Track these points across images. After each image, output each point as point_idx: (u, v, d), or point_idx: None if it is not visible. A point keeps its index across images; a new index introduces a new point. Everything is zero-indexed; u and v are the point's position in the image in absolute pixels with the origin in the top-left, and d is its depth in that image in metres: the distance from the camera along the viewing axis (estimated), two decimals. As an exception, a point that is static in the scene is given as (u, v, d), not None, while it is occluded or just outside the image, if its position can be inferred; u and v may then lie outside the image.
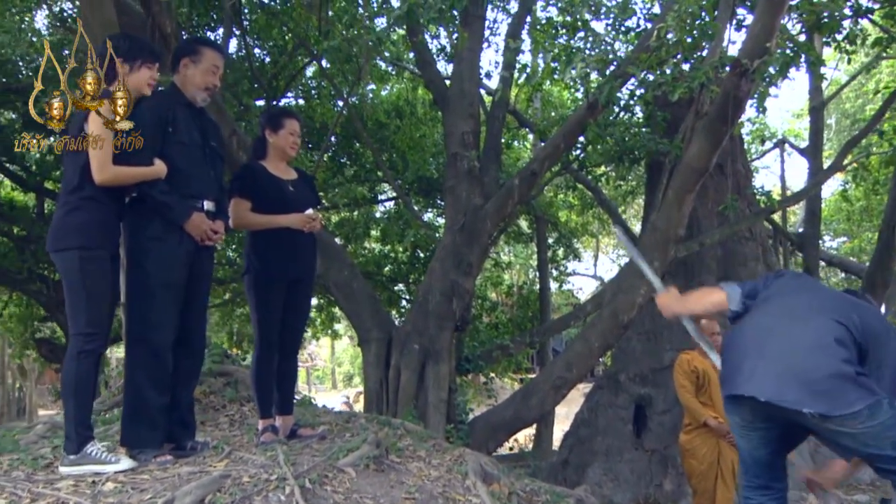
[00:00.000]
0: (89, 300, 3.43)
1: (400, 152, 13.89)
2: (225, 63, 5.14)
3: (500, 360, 9.50)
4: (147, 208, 3.63)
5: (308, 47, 10.77)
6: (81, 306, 3.43)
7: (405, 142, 13.70)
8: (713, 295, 3.18)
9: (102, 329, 3.49)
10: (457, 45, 8.47)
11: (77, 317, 3.44)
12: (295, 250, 4.31)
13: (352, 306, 7.98)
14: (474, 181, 8.03)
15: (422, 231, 8.11)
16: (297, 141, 4.43)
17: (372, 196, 15.02)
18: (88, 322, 3.43)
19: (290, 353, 4.49)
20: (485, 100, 11.62)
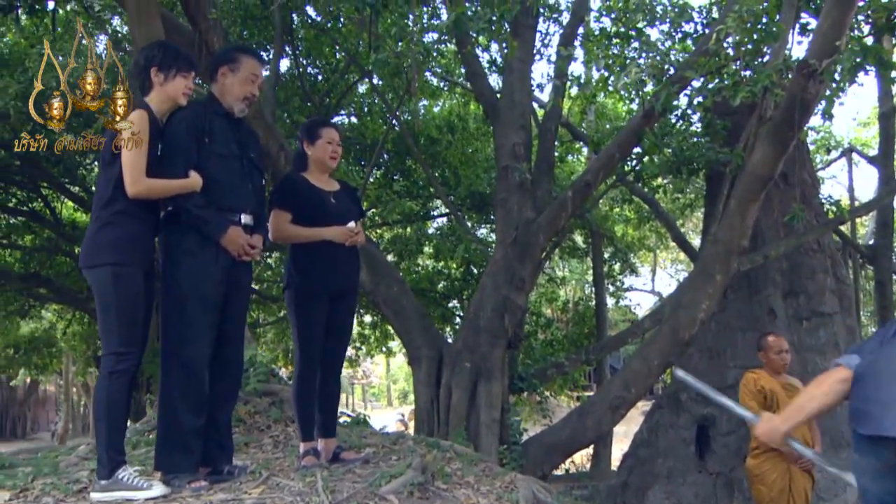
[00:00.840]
0: (122, 318, 3.28)
1: (452, 168, 13.74)
2: (276, 81, 4.95)
3: (555, 379, 9.16)
4: (182, 222, 3.47)
5: (358, 63, 10.70)
6: (113, 324, 3.28)
7: (457, 157, 13.56)
8: (832, 376, 2.50)
9: (135, 348, 3.34)
10: (507, 57, 8.24)
11: (109, 335, 3.29)
12: (337, 264, 4.12)
13: (401, 323, 7.78)
14: (526, 194, 7.78)
15: (473, 246, 7.87)
16: (336, 150, 4.25)
17: (424, 212, 14.86)
18: (121, 341, 3.28)
19: (333, 372, 4.29)
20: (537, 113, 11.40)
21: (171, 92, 3.48)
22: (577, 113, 14.68)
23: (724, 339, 8.92)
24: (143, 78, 3.49)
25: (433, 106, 15.53)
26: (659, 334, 7.11)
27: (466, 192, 12.94)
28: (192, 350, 3.46)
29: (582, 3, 9.33)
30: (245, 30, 11.61)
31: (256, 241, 3.64)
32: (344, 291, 4.20)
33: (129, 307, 3.30)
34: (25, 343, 17.35)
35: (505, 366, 7.70)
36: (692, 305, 6.81)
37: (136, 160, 3.28)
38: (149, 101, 3.47)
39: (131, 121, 3.29)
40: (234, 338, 3.70)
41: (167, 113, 3.55)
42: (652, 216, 14.80)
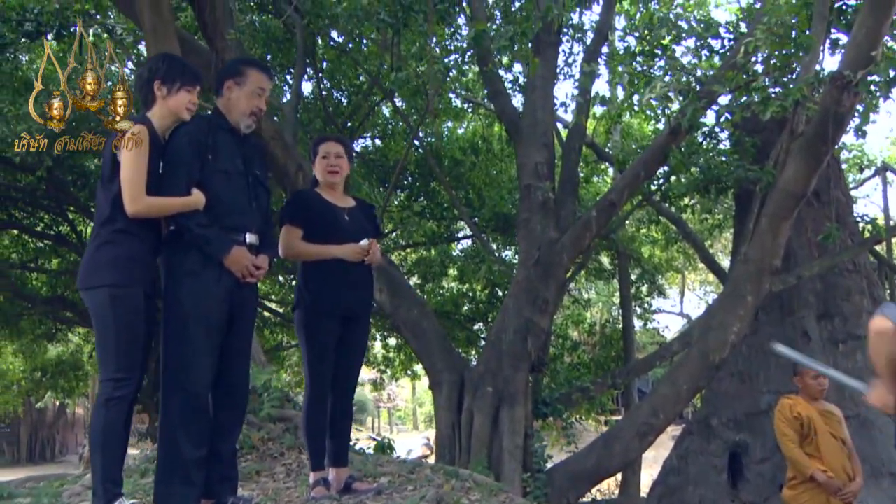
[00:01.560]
0: (120, 341, 3.10)
1: (476, 189, 13.57)
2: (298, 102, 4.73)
3: (581, 403, 8.87)
4: (184, 242, 3.29)
5: (380, 85, 10.59)
6: (111, 348, 3.10)
7: (481, 178, 13.41)
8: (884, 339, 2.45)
9: (135, 373, 3.15)
10: (529, 75, 8.06)
11: (107, 360, 3.11)
12: (349, 284, 3.94)
13: (422, 346, 7.57)
14: (549, 213, 7.56)
15: (496, 267, 7.65)
16: (332, 163, 4.06)
17: (448, 234, 14.68)
18: (119, 366, 3.10)
19: (345, 397, 4.08)
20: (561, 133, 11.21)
21: (174, 106, 3.32)
22: (602, 133, 14.45)
23: (756, 362, 8.58)
24: (147, 91, 3.33)
25: (457, 128, 15.43)
26: (688, 358, 6.83)
27: (491, 214, 12.74)
28: (194, 375, 3.26)
29: (605, 20, 9.15)
30: (269, 53, 11.60)
31: (262, 262, 3.45)
32: (356, 312, 4.01)
33: (127, 330, 3.12)
34: (52, 366, 17.39)
35: (528, 390, 7.45)
36: (722, 328, 6.53)
37: (135, 177, 3.12)
38: (151, 115, 3.31)
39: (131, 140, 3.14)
40: (239, 362, 3.51)
41: (170, 128, 3.39)
42: (679, 237, 14.47)
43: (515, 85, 10.88)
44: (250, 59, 4.24)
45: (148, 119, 3.27)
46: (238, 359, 3.49)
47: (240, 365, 3.51)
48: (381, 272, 7.52)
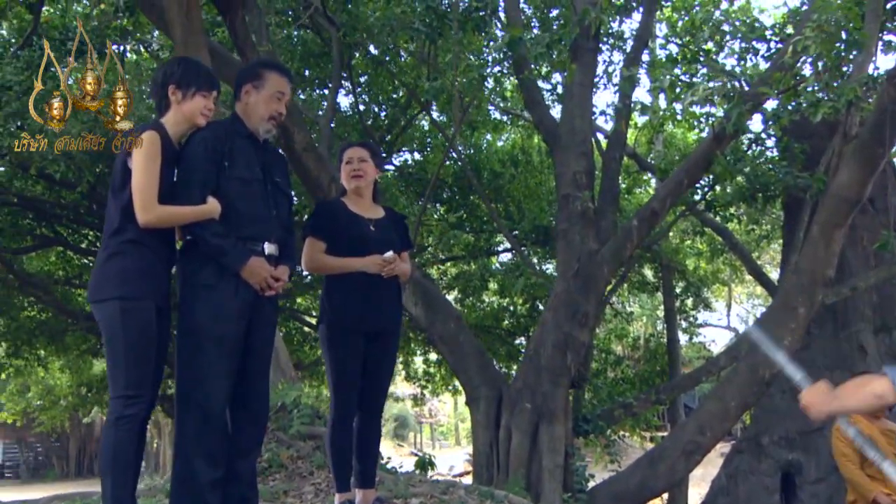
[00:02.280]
0: (130, 357, 2.93)
1: (515, 202, 13.35)
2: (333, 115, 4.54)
3: (623, 420, 8.54)
4: (200, 253, 3.13)
5: (417, 97, 10.44)
6: (121, 364, 2.94)
7: (521, 191, 13.18)
8: (872, 384, 2.38)
9: (146, 391, 2.98)
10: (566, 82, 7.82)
11: (117, 377, 2.95)
12: (374, 298, 3.72)
13: (458, 361, 7.33)
14: (588, 224, 7.28)
15: (533, 280, 7.41)
16: (354, 169, 3.84)
17: (488, 247, 14.45)
18: (129, 383, 2.93)
19: (373, 416, 3.86)
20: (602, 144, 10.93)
21: (189, 111, 3.15)
22: (644, 143, 14.13)
23: (810, 378, 8.16)
24: (161, 96, 3.18)
25: (496, 140, 15.26)
26: (736, 373, 6.48)
27: (531, 227, 12.49)
28: (209, 393, 3.08)
29: (646, 27, 8.87)
30: (307, 68, 11.56)
31: (281, 273, 3.26)
32: (384, 328, 3.79)
33: (138, 345, 2.96)
34: (98, 382, 17.51)
35: (568, 406, 7.16)
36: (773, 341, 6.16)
37: (147, 185, 2.97)
38: (164, 121, 3.16)
39: (141, 142, 2.99)
40: (258, 379, 3.32)
41: (185, 135, 3.24)
42: (725, 248, 14.03)
43: (553, 93, 10.65)
44: (269, 61, 4.07)
45: (161, 125, 3.12)
46: (257, 375, 3.30)
47: (259, 381, 3.33)
48: (417, 285, 7.33)
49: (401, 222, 4.04)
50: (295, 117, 7.05)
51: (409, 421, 38.85)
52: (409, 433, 40.51)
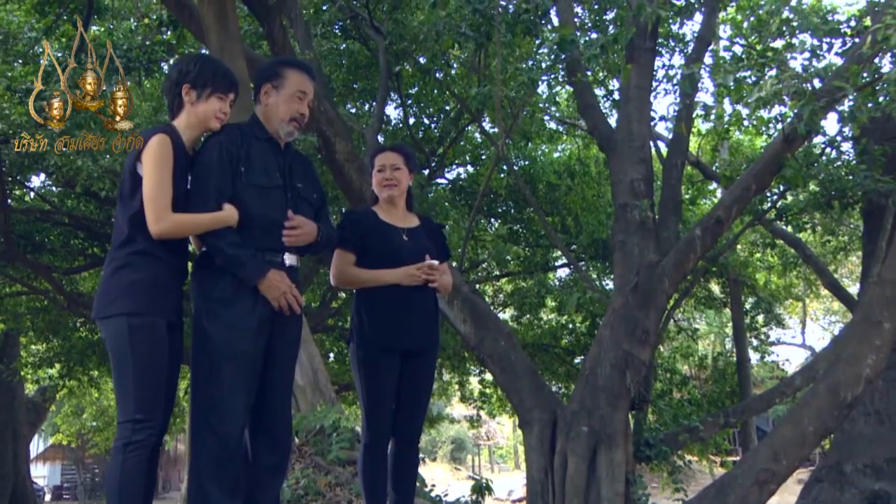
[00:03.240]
0: (139, 378, 2.75)
1: (573, 214, 13.05)
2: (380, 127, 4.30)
3: (689, 445, 8.09)
4: (215, 265, 2.93)
5: (466, 106, 10.23)
6: (129, 386, 2.75)
7: (578, 203, 12.90)
8: None
9: (156, 415, 2.79)
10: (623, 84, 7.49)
11: (125, 399, 2.76)
12: (409, 314, 3.48)
13: (510, 382, 7.03)
14: (648, 234, 6.92)
15: (589, 294, 7.07)
16: (388, 177, 3.62)
17: (545, 262, 14.13)
18: (139, 406, 2.74)
19: (409, 443, 3.61)
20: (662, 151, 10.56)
21: (202, 113, 2.97)
22: (708, 151, 13.66)
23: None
24: (174, 95, 3.00)
25: (552, 151, 15.01)
26: (814, 395, 6.01)
27: (589, 240, 12.19)
28: (225, 416, 2.87)
29: (708, 26, 8.48)
30: (356, 81, 11.51)
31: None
32: (420, 347, 3.55)
33: (148, 365, 2.77)
34: (151, 403, 17.73)
35: (629, 430, 6.77)
36: (854, 360, 5.69)
37: (159, 193, 2.79)
38: (176, 123, 2.98)
39: (149, 147, 2.82)
40: (280, 401, 3.10)
41: (197, 140, 3.06)
42: (798, 261, 13.40)
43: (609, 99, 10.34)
44: (290, 59, 3.88)
45: (172, 128, 2.94)
46: (278, 396, 3.09)
47: (281, 403, 3.11)
48: (465, 301, 7.08)
49: (437, 231, 3.80)
50: (337, 127, 6.91)
51: (467, 443, 38.42)
52: (466, 456, 40.07)
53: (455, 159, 13.85)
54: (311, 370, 5.62)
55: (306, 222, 3.05)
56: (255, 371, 2.95)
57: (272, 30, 6.06)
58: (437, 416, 20.32)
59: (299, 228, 3.02)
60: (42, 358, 14.24)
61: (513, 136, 12.62)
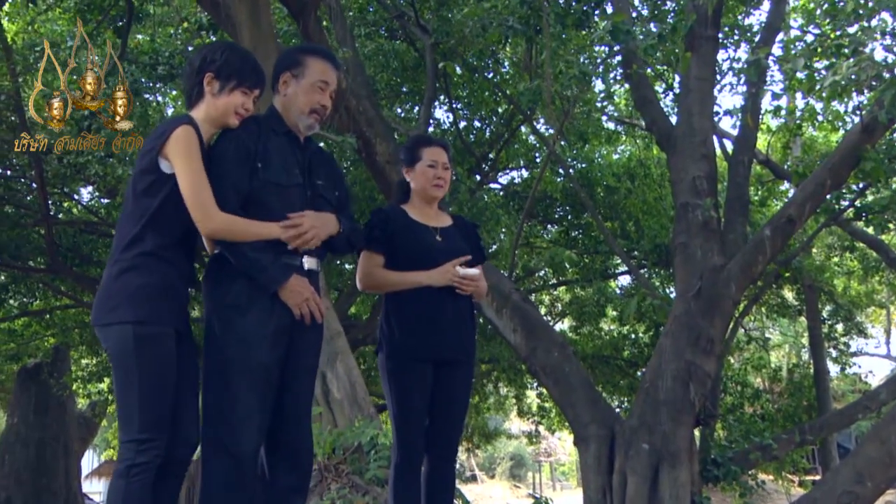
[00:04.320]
0: (145, 393, 2.57)
1: (633, 219, 12.71)
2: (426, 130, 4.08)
3: (761, 464, 7.68)
4: (228, 269, 2.76)
5: (519, 107, 10.00)
6: (134, 402, 2.58)
7: (638, 207, 12.54)
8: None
9: (162, 434, 2.60)
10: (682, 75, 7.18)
11: (129, 416, 2.59)
12: (442, 320, 3.28)
13: (564, 395, 6.75)
14: (712, 236, 6.59)
15: (647, 301, 6.77)
16: (440, 175, 3.42)
17: (604, 269, 13.79)
18: (143, 424, 2.56)
19: (444, 461, 3.39)
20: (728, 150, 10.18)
21: (223, 107, 2.79)
22: (778, 149, 13.16)
23: None
24: (193, 84, 2.82)
25: (612, 153, 14.70)
26: (901, 410, 5.61)
27: (650, 246, 11.84)
28: (238, 434, 2.69)
29: (777, 13, 8.11)
30: (404, 83, 11.41)
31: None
32: (455, 356, 3.33)
33: (155, 379, 2.60)
34: (203, 417, 17.92)
35: (694, 447, 6.44)
36: (947, 371, 5.28)
37: (200, 187, 2.64)
38: (194, 114, 2.82)
39: (175, 139, 2.67)
40: (299, 417, 2.91)
41: (214, 135, 2.91)
42: (881, 265, 12.78)
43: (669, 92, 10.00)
44: (312, 45, 3.72)
45: (192, 118, 2.79)
46: (297, 412, 2.90)
47: (300, 420, 2.92)
48: (515, 310, 6.85)
49: (472, 231, 3.58)
50: (378, 128, 6.77)
51: (526, 460, 37.95)
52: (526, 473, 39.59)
53: (508, 163, 13.64)
54: (349, 383, 5.46)
55: (314, 216, 2.85)
56: (272, 384, 2.77)
57: (307, 26, 5.96)
58: (495, 431, 20.07)
59: (304, 226, 2.81)
60: (92, 372, 14.47)
61: (568, 136, 12.39)
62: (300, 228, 2.79)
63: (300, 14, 6.08)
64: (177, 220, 2.68)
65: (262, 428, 2.76)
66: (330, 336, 5.73)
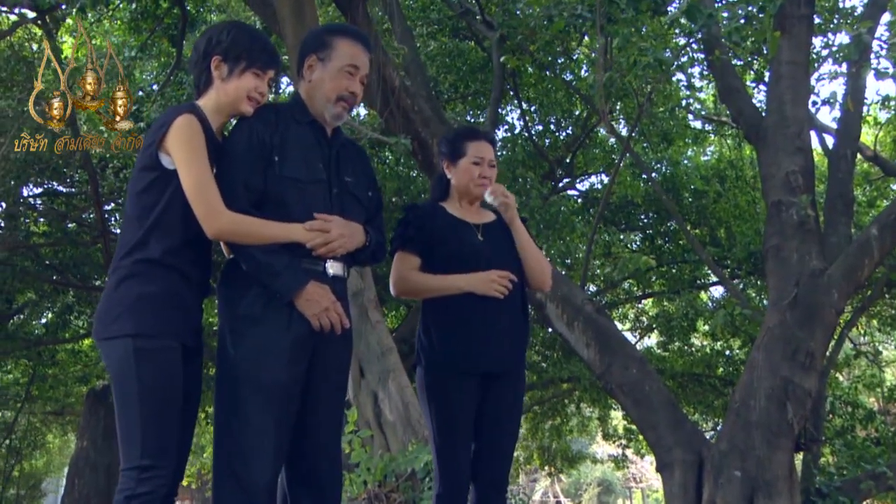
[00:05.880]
0: (147, 415, 2.39)
1: (724, 224, 12.24)
2: (495, 129, 3.75)
3: (875, 494, 7.12)
4: (241, 275, 2.57)
5: (593, 105, 9.67)
6: (135, 424, 2.39)
7: (729, 211, 12.10)
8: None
9: (167, 461, 2.42)
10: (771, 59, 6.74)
11: (130, 440, 2.40)
12: (488, 328, 3.03)
13: (644, 416, 6.38)
14: (809, 237, 6.13)
15: (737, 311, 6.33)
16: (486, 173, 3.19)
17: (693, 280, 13.28)
18: (146, 449, 2.37)
19: (493, 490, 3.13)
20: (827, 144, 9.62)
21: (233, 91, 2.62)
22: (888, 144, 12.46)
23: None
24: (201, 69, 2.66)
25: (700, 154, 14.24)
26: None
27: (744, 254, 11.34)
28: (251, 463, 2.49)
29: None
30: (473, 83, 11.24)
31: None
32: (502, 369, 3.09)
33: (158, 399, 2.41)
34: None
35: (795, 475, 5.97)
36: None
37: (203, 182, 2.47)
38: (202, 103, 2.65)
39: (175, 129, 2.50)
40: (324, 441, 2.69)
41: (225, 126, 2.73)
42: None
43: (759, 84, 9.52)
44: (340, 25, 3.51)
45: (197, 107, 2.62)
46: (322, 437, 2.69)
47: (325, 446, 2.70)
48: (588, 322, 6.52)
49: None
50: (435, 128, 6.57)
51: (615, 486, 37.00)
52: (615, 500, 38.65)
53: (586, 168, 13.32)
54: (402, 403, 5.25)
55: (343, 223, 2.64)
56: (291, 405, 2.57)
57: (355, 19, 5.83)
58: (579, 455, 19.63)
59: (332, 233, 2.61)
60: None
61: (650, 137, 12.00)
62: (328, 236, 2.58)
63: (348, 7, 5.97)
64: (184, 221, 2.50)
65: (280, 455, 2.56)
66: (381, 352, 5.55)
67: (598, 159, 12.96)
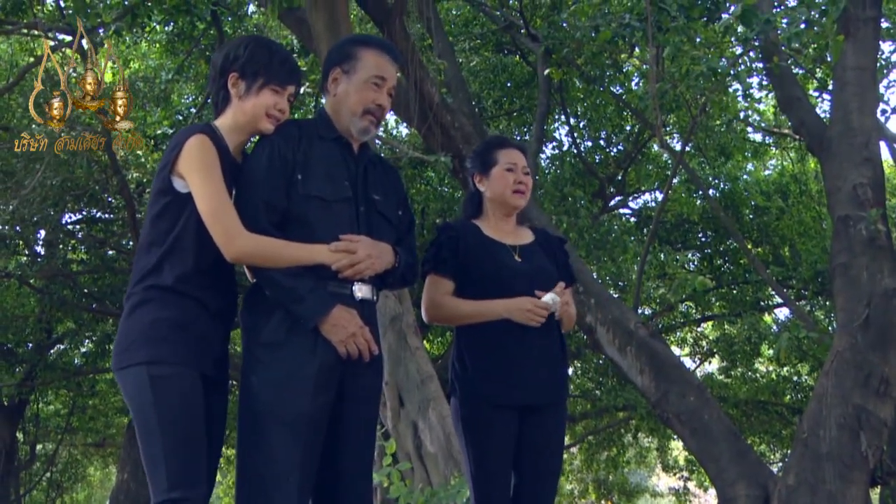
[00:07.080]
0: (169, 444, 2.35)
1: (788, 242, 12.00)
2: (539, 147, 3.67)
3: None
4: (264, 300, 2.52)
5: (643, 118, 9.53)
6: (159, 455, 2.35)
7: (793, 228, 11.85)
8: None
9: (197, 491, 2.37)
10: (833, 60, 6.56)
11: (156, 472, 2.36)
12: (526, 357, 2.93)
13: (703, 447, 6.19)
14: (880, 254, 5.90)
15: (803, 334, 6.12)
16: (521, 180, 3.09)
17: (755, 301, 13.00)
18: (172, 481, 2.33)
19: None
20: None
21: (251, 109, 2.58)
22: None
23: None
24: (218, 87, 2.64)
25: (761, 169, 14.00)
26: None
27: (810, 273, 11.08)
28: (274, 498, 2.43)
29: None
30: (517, 100, 11.21)
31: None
32: (541, 401, 2.98)
33: (179, 426, 2.37)
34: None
35: (871, 513, 5.72)
36: None
37: (219, 204, 2.43)
38: (219, 123, 2.62)
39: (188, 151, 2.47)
40: (354, 479, 2.62)
41: (244, 145, 2.69)
42: None
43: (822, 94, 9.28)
44: (366, 36, 3.47)
45: (211, 127, 2.58)
46: (350, 472, 2.61)
47: (355, 483, 2.63)
48: (642, 347, 6.38)
49: (558, 247, 3.22)
50: (476, 144, 6.51)
51: (676, 517, 36.44)
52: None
53: (639, 185, 13.17)
54: (443, 434, 5.16)
55: (370, 244, 2.57)
56: (317, 437, 2.50)
57: (392, 33, 5.82)
58: (637, 488, 19.30)
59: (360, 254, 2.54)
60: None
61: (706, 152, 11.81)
62: (355, 257, 2.51)
63: (384, 22, 5.97)
64: (198, 246, 2.46)
65: (305, 491, 2.49)
66: (421, 380, 5.47)
67: (650, 176, 12.82)
